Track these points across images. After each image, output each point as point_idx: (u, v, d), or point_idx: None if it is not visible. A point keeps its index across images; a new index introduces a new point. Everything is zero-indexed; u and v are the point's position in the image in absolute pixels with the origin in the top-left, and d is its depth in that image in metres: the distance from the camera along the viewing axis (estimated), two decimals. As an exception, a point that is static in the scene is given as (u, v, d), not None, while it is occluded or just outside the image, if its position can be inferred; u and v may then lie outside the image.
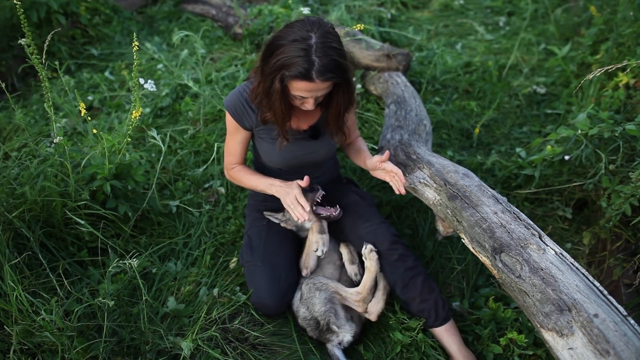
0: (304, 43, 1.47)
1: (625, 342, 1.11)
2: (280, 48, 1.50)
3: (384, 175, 1.82)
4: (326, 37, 1.49)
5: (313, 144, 1.86)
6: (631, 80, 2.39)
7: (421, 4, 4.87)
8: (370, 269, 1.76)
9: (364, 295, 1.75)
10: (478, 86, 3.26)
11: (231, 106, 1.76)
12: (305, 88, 1.53)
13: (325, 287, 1.76)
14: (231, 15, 3.98)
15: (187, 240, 2.17)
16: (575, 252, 2.13)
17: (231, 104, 1.76)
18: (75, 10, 3.80)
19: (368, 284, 1.75)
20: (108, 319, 1.63)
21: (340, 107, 1.69)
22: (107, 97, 3.20)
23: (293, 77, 1.49)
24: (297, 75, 1.48)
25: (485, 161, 2.53)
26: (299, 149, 1.84)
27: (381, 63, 2.94)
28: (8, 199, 1.87)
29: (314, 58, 1.46)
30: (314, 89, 1.53)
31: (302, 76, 1.48)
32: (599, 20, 3.01)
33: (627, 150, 1.98)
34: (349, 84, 1.62)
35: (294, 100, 1.62)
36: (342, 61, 1.52)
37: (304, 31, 1.49)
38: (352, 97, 1.70)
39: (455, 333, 1.73)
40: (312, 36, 1.47)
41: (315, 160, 1.92)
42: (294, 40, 1.48)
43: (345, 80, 1.57)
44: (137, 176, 2.07)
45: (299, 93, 1.55)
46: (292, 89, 1.55)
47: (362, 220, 1.88)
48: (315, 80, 1.49)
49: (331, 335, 1.73)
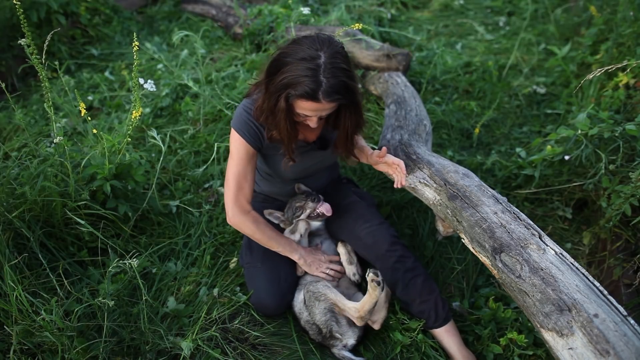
0: (313, 62, 1.42)
1: (625, 342, 1.11)
2: (287, 65, 1.46)
3: (386, 169, 1.82)
4: (335, 57, 1.45)
5: (321, 154, 1.86)
6: (631, 80, 2.39)
7: (421, 4, 4.87)
8: (371, 294, 1.68)
9: (361, 315, 1.70)
10: (478, 86, 3.26)
11: (242, 127, 1.69)
12: (311, 108, 1.50)
13: (324, 298, 1.74)
14: (231, 15, 3.98)
15: (187, 240, 2.17)
16: (575, 252, 2.13)
17: (241, 125, 1.69)
18: (75, 10, 3.81)
19: (367, 307, 1.69)
20: (108, 319, 1.63)
21: (347, 129, 1.66)
22: (107, 97, 3.20)
23: (299, 96, 1.46)
24: (303, 95, 1.44)
25: (485, 161, 2.53)
26: (308, 161, 1.85)
27: (381, 63, 2.94)
28: (8, 199, 1.87)
29: (321, 79, 1.42)
30: (320, 109, 1.51)
31: (308, 96, 1.44)
32: (599, 20, 3.02)
33: (627, 150, 1.98)
34: (357, 106, 1.60)
35: (297, 117, 1.59)
36: (350, 83, 1.49)
37: (312, 50, 1.44)
38: (360, 120, 1.67)
39: (455, 334, 1.73)
40: (321, 55, 1.43)
41: (323, 167, 1.95)
42: (302, 58, 1.43)
43: (352, 102, 1.55)
44: (137, 176, 2.07)
45: (303, 112, 1.53)
46: (296, 107, 1.52)
47: (362, 220, 1.88)
48: (322, 101, 1.46)
49: (335, 341, 1.73)
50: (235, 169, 1.71)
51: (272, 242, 1.81)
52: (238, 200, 1.73)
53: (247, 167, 1.72)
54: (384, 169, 1.83)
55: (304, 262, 1.85)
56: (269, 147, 1.78)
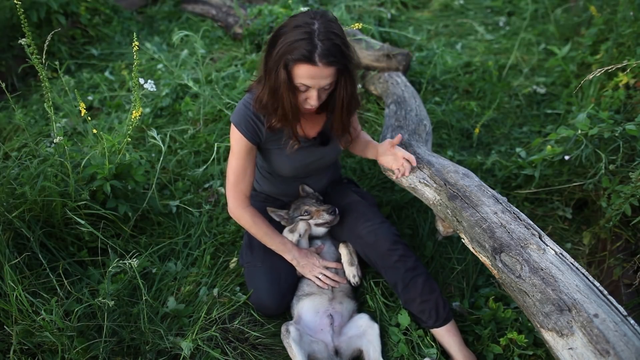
0: (307, 27, 1.47)
1: (625, 342, 1.11)
2: (283, 36, 1.50)
3: (391, 163, 1.81)
4: (329, 24, 1.49)
5: (321, 150, 1.86)
6: (631, 80, 2.39)
7: (421, 4, 4.87)
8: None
9: None
10: (478, 86, 3.26)
11: (241, 122, 1.71)
12: (309, 74, 1.50)
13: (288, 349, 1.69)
14: (231, 15, 3.98)
15: (187, 240, 2.17)
16: (575, 252, 2.13)
17: (240, 119, 1.71)
18: (75, 10, 3.81)
19: None
20: (108, 319, 1.63)
21: (343, 98, 1.63)
22: (107, 97, 3.20)
23: (296, 60, 1.48)
24: (300, 58, 1.47)
25: (485, 161, 2.53)
26: (308, 156, 1.85)
27: (381, 63, 2.94)
28: (8, 199, 1.87)
29: (316, 42, 1.46)
30: (317, 74, 1.51)
31: (305, 59, 1.47)
32: (599, 20, 3.02)
33: (627, 150, 1.98)
34: (352, 76, 1.60)
35: (299, 94, 1.59)
36: (345, 49, 1.52)
37: (307, 18, 1.50)
38: (355, 95, 1.67)
39: (456, 333, 1.73)
40: (315, 22, 1.48)
41: (323, 165, 1.94)
42: (297, 26, 1.48)
43: (347, 68, 1.55)
44: (137, 176, 2.07)
45: (302, 80, 1.52)
46: (295, 76, 1.52)
47: (364, 219, 1.87)
48: (318, 64, 1.47)
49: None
50: (235, 163, 1.76)
51: (267, 239, 1.83)
52: (237, 193, 1.80)
53: (245, 161, 1.77)
54: (388, 162, 1.81)
55: (297, 264, 1.85)
56: (268, 141, 1.78)
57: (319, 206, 1.93)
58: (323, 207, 1.92)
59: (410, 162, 1.76)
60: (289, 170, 1.87)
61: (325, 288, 1.83)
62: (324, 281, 1.83)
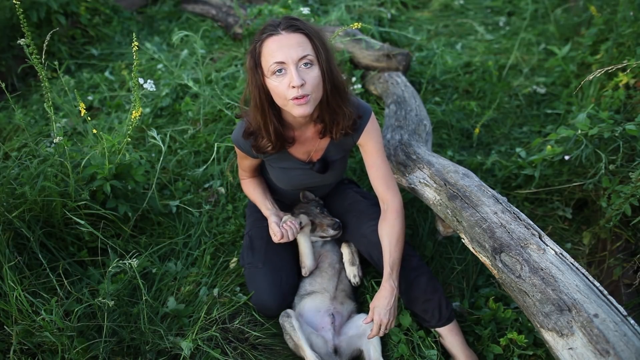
0: (272, 23, 1.51)
1: (625, 342, 1.11)
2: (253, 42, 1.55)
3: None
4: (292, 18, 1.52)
5: (321, 176, 1.85)
6: (631, 80, 2.39)
7: (421, 4, 4.87)
8: None
9: None
10: (478, 86, 3.26)
11: (239, 142, 1.76)
12: (275, 45, 1.46)
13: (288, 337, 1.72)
14: (231, 15, 3.98)
15: (187, 240, 2.17)
16: (575, 252, 2.13)
17: (237, 140, 1.76)
18: (75, 10, 3.80)
19: None
20: (108, 319, 1.63)
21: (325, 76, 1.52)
22: (107, 97, 3.20)
23: (262, 41, 1.49)
24: (265, 37, 1.49)
25: (485, 161, 2.53)
26: (307, 179, 1.86)
27: (381, 63, 2.94)
28: (8, 199, 1.86)
29: (279, 24, 1.50)
30: (284, 42, 1.46)
31: (269, 33, 1.48)
32: (599, 20, 3.01)
33: (627, 150, 1.98)
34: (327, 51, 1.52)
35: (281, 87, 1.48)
36: (309, 25, 1.53)
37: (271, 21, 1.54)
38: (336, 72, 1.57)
39: (458, 333, 1.72)
40: (280, 22, 1.51)
41: (323, 185, 1.96)
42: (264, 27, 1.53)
43: (316, 42, 1.50)
44: (137, 176, 2.07)
45: (273, 57, 1.47)
46: (266, 59, 1.49)
47: (367, 219, 1.86)
48: (282, 32, 1.47)
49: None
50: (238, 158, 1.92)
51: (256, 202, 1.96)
52: (240, 171, 2.00)
53: (244, 162, 1.89)
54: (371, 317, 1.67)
55: (269, 222, 1.85)
56: (270, 160, 1.82)
57: (323, 219, 1.93)
58: (327, 220, 1.92)
59: (381, 325, 1.60)
60: (288, 187, 1.91)
61: (278, 238, 1.77)
62: (284, 227, 1.79)
